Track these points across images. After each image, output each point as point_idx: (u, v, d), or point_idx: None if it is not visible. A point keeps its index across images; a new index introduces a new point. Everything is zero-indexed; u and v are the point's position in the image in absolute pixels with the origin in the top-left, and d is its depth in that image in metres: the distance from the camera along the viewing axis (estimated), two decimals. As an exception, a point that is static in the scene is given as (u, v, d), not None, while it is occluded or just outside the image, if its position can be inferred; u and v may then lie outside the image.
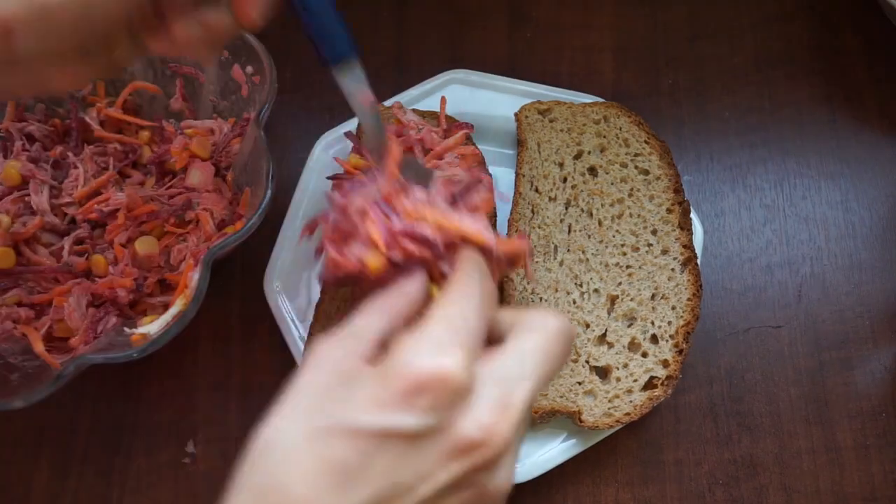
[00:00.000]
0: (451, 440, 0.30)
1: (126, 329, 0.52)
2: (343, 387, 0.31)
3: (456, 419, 0.30)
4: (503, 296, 0.53)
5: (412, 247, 0.41)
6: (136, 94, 0.60)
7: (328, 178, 0.55)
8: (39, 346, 0.50)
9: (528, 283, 0.53)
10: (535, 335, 0.34)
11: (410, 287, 0.37)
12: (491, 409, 0.31)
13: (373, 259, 0.42)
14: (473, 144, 0.57)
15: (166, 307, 0.53)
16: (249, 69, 0.54)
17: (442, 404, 0.30)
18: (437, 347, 0.31)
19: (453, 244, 0.42)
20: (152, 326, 0.51)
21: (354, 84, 0.40)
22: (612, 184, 0.55)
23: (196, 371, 0.57)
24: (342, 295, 0.53)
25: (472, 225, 0.42)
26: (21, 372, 0.49)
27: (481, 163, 0.58)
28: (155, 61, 0.58)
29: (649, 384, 0.50)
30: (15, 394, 0.46)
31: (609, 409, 0.49)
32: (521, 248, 0.44)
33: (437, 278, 0.42)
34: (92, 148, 0.58)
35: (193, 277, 0.51)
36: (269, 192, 0.48)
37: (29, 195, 0.56)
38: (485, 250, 0.43)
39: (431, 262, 0.41)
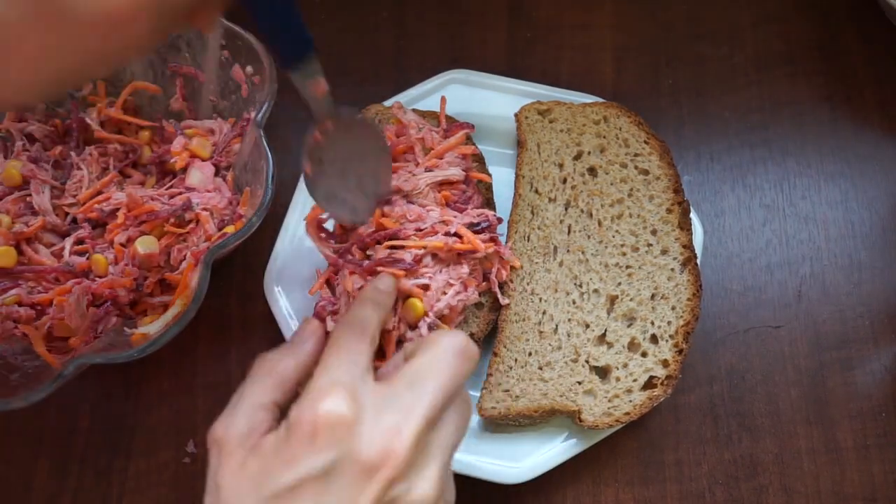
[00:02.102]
0: (356, 467, 0.33)
1: (126, 329, 0.52)
2: (258, 463, 0.35)
3: (356, 447, 0.34)
4: (504, 295, 0.53)
5: (388, 270, 0.49)
6: (136, 95, 0.60)
7: None
8: (40, 346, 0.50)
9: (527, 284, 0.53)
10: (423, 356, 0.37)
11: (299, 349, 0.41)
12: (384, 430, 0.34)
13: None
14: (473, 144, 0.57)
15: (166, 307, 0.53)
16: (249, 69, 0.54)
17: (338, 439, 0.33)
18: (321, 394, 0.35)
19: (421, 258, 0.50)
20: (152, 326, 0.51)
21: (311, 78, 0.39)
22: (612, 184, 0.55)
23: (196, 371, 0.57)
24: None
25: (435, 239, 0.50)
26: (21, 372, 0.49)
27: (481, 162, 0.58)
28: (155, 61, 0.58)
29: (649, 384, 0.50)
30: (15, 394, 0.46)
31: (609, 408, 0.49)
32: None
33: (418, 293, 0.50)
34: (93, 148, 0.58)
35: (193, 277, 0.51)
36: (269, 191, 0.48)
37: (29, 195, 0.56)
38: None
39: (408, 276, 0.49)
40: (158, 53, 0.58)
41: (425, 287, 0.50)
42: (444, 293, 0.50)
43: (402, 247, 0.51)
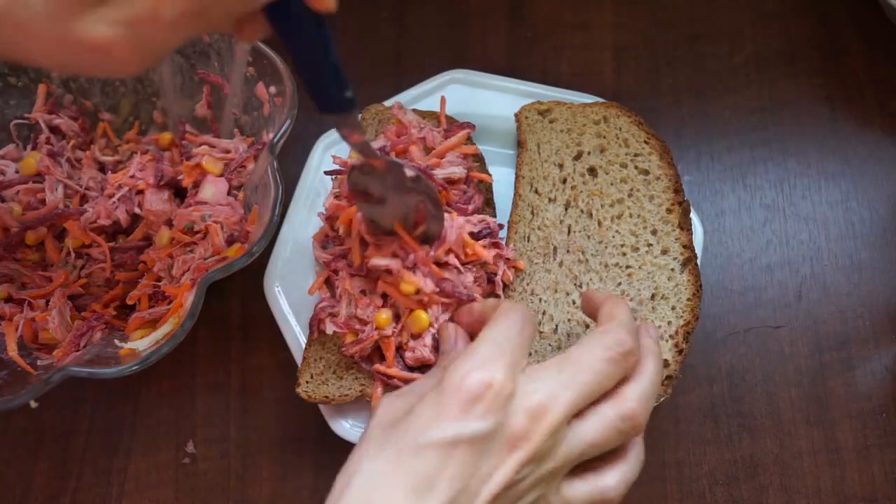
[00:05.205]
0: (503, 440, 0.34)
1: (117, 342, 0.51)
2: (406, 417, 0.36)
3: (507, 420, 0.35)
4: (505, 295, 0.53)
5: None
6: (163, 96, 0.60)
7: (326, 173, 0.55)
8: (13, 348, 0.50)
9: (527, 285, 0.53)
10: (581, 348, 0.38)
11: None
12: (530, 407, 0.35)
13: (380, 317, 0.50)
14: (474, 144, 0.57)
15: (157, 321, 0.53)
16: (273, 90, 0.54)
17: (495, 408, 0.34)
18: (484, 363, 0.36)
19: None
20: (142, 343, 0.51)
21: (350, 129, 0.41)
22: (612, 184, 0.55)
23: (196, 371, 0.57)
24: None
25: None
26: (10, 370, 0.49)
27: (481, 162, 0.58)
28: (184, 66, 0.58)
29: (649, 384, 0.50)
30: (1, 392, 0.46)
31: (609, 409, 0.49)
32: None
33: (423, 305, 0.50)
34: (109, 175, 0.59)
35: (188, 298, 0.51)
36: (273, 220, 0.48)
37: (42, 191, 0.57)
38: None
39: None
40: (188, 59, 0.58)
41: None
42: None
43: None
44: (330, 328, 0.51)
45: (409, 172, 0.45)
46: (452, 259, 0.50)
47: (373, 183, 0.45)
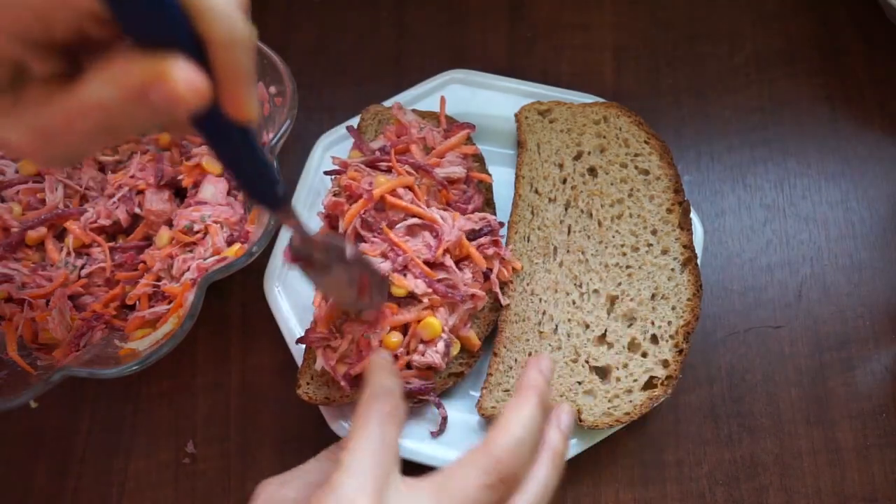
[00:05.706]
0: None
1: (117, 342, 0.51)
2: None
3: None
4: (504, 295, 0.53)
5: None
6: None
7: (325, 173, 0.55)
8: (13, 348, 0.50)
9: (527, 285, 0.53)
10: (456, 470, 0.36)
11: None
12: None
13: (390, 339, 0.49)
14: (473, 144, 0.57)
15: (157, 321, 0.53)
16: (273, 89, 0.54)
17: None
18: (347, 500, 0.34)
19: None
20: (142, 343, 0.51)
21: (285, 217, 0.39)
22: (612, 184, 0.55)
23: (196, 371, 0.57)
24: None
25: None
26: (10, 370, 0.49)
27: (481, 162, 0.58)
28: None
29: (649, 384, 0.50)
30: (1, 392, 0.46)
31: (609, 408, 0.49)
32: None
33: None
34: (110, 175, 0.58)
35: (188, 298, 0.51)
36: (273, 220, 0.48)
37: (41, 191, 0.56)
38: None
39: None
40: None
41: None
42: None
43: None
44: (319, 363, 0.50)
45: (350, 252, 0.43)
46: (448, 260, 0.50)
47: (316, 252, 0.44)
